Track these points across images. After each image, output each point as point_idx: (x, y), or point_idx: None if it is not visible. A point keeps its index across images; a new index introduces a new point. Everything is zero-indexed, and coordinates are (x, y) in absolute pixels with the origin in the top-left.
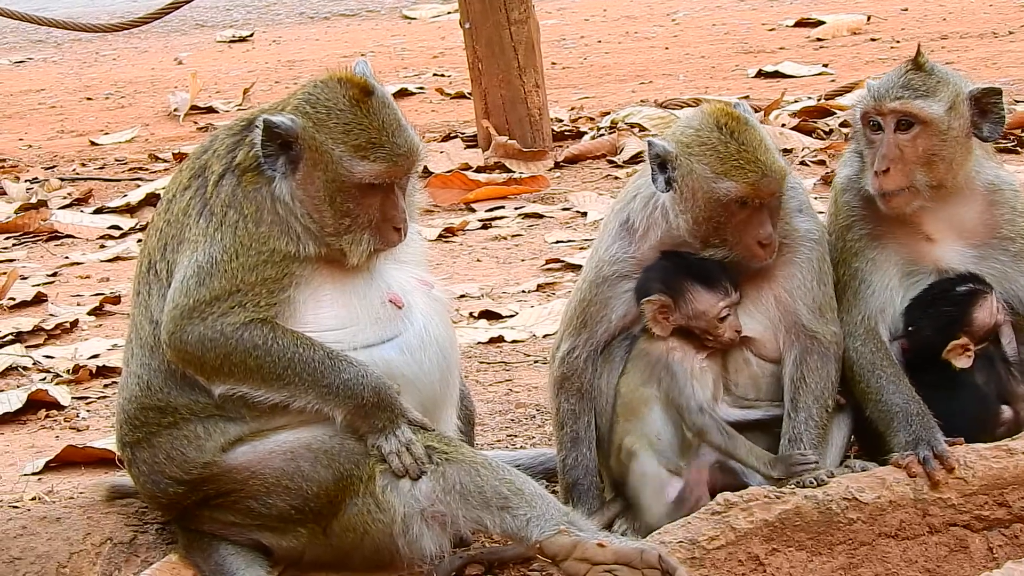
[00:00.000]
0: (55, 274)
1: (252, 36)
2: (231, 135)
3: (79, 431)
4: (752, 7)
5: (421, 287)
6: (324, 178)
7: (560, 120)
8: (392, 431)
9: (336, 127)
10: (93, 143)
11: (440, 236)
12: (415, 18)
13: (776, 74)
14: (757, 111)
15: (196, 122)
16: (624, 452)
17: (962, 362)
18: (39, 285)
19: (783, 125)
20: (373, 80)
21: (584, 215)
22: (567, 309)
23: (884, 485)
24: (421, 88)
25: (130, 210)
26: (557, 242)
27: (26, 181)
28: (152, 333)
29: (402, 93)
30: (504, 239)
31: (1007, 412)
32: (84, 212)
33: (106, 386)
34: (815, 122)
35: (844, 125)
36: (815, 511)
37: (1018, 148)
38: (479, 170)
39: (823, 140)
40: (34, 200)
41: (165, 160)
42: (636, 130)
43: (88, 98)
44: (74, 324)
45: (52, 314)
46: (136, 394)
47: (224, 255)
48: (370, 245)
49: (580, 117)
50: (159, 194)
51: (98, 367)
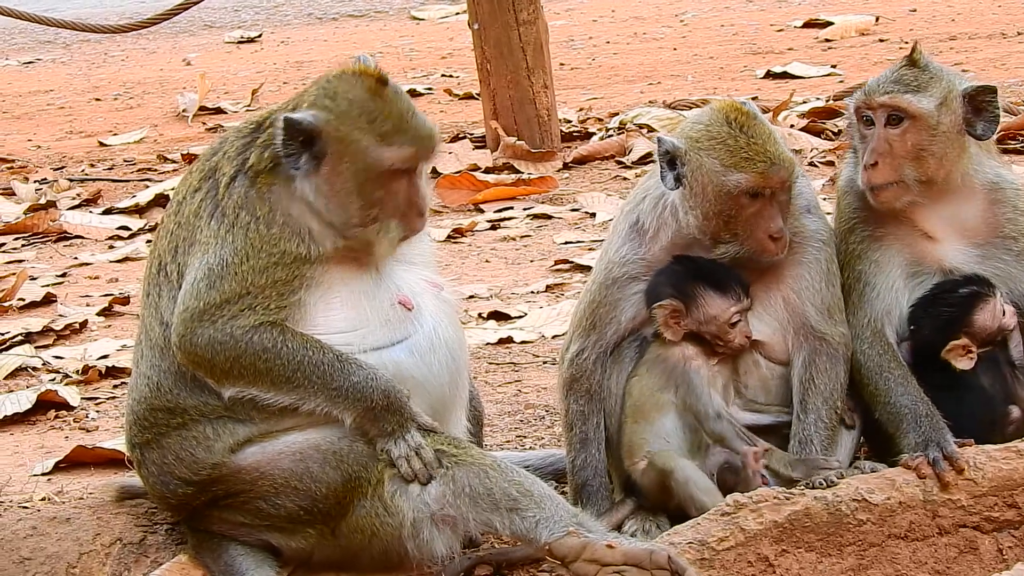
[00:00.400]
0: (64, 275)
1: (260, 37)
2: (241, 137)
3: (88, 432)
4: (760, 8)
5: (430, 289)
6: (352, 169)
7: (569, 121)
8: (401, 435)
9: (360, 117)
10: (102, 144)
11: (449, 237)
12: (423, 19)
13: (784, 75)
14: (766, 112)
15: (205, 123)
16: (656, 471)
17: (963, 363)
18: (48, 286)
19: (792, 126)
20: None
21: (593, 216)
22: (576, 310)
23: (894, 486)
24: (429, 89)
25: (139, 211)
26: (566, 243)
27: (35, 182)
28: (162, 334)
29: (410, 94)
30: (513, 240)
31: (1015, 412)
32: (93, 213)
33: (115, 387)
34: (824, 123)
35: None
36: (825, 512)
37: None
38: (488, 171)
39: (832, 141)
40: (43, 201)
41: (174, 161)
42: (645, 131)
43: (97, 99)
44: (83, 325)
45: (61, 315)
46: (145, 395)
47: (235, 257)
48: (397, 232)
49: (589, 118)
50: (168, 195)
51: (107, 368)
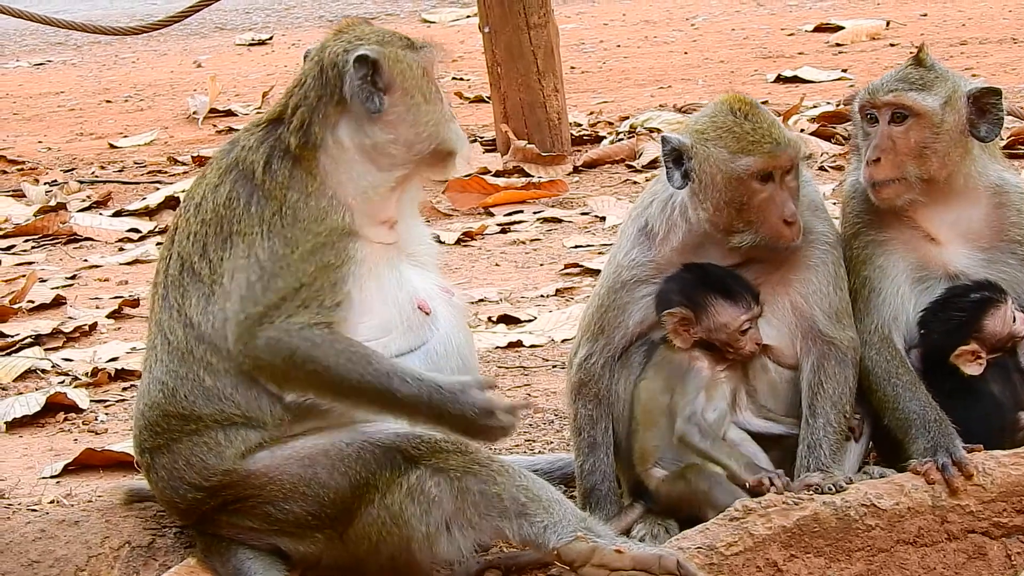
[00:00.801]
0: (74, 277)
1: (271, 39)
2: (257, 131)
3: (97, 434)
4: (771, 12)
5: (442, 294)
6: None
7: (579, 124)
8: (474, 423)
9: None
10: (112, 146)
11: (459, 240)
12: (434, 22)
13: (795, 79)
14: (777, 116)
15: (215, 125)
16: (693, 484)
17: (972, 369)
18: (58, 288)
19: (802, 130)
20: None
21: (603, 220)
22: (585, 315)
23: (902, 492)
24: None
25: (149, 213)
26: (576, 247)
27: (45, 184)
28: (186, 337)
29: None
30: (523, 243)
31: None
32: (103, 215)
33: (125, 389)
34: (834, 127)
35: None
36: (833, 517)
37: None
38: (498, 174)
39: (842, 145)
40: (53, 203)
41: (184, 163)
42: (655, 135)
43: (107, 101)
44: (93, 327)
45: (71, 317)
46: (159, 401)
47: (285, 247)
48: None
49: (599, 122)
50: (178, 197)
51: (117, 370)
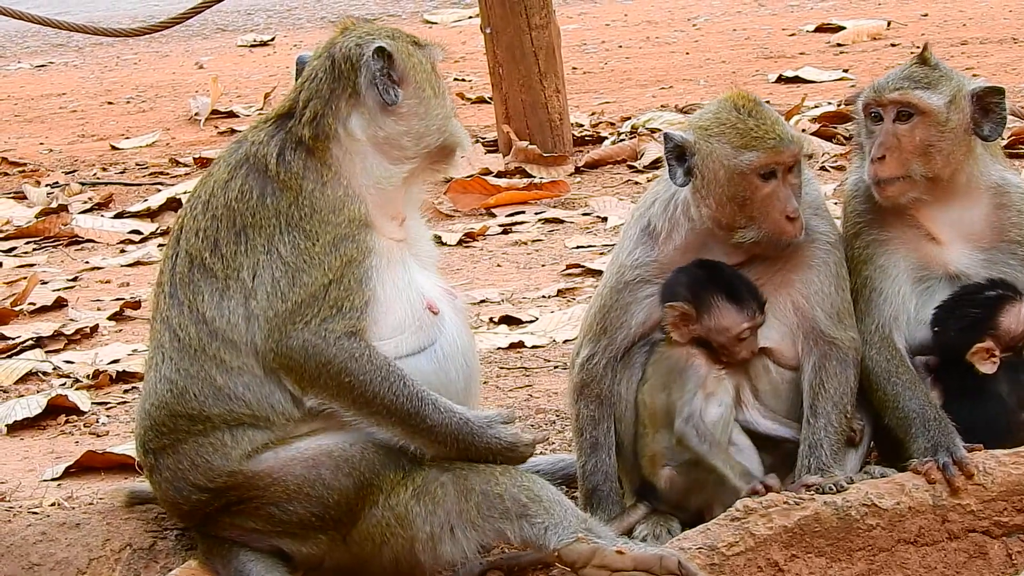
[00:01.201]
0: (75, 279)
1: (273, 40)
2: (266, 127)
3: (99, 436)
4: (772, 12)
5: (447, 295)
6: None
7: (581, 125)
8: (498, 456)
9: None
10: (114, 147)
11: (461, 241)
12: (436, 23)
13: (796, 79)
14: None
15: (217, 126)
16: (704, 474)
17: (986, 367)
18: (59, 290)
19: (803, 130)
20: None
21: (605, 220)
22: (587, 315)
23: (903, 491)
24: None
25: (151, 215)
26: (577, 247)
27: (47, 186)
28: (198, 334)
29: None
30: (524, 244)
31: None
32: (104, 217)
33: (126, 391)
34: (835, 127)
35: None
36: (834, 517)
37: None
38: (500, 175)
39: (843, 145)
40: (55, 205)
41: (186, 165)
42: (657, 135)
43: (109, 102)
44: (94, 329)
45: (72, 319)
46: (167, 400)
47: (306, 240)
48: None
49: (601, 122)
50: (180, 199)
51: (118, 372)
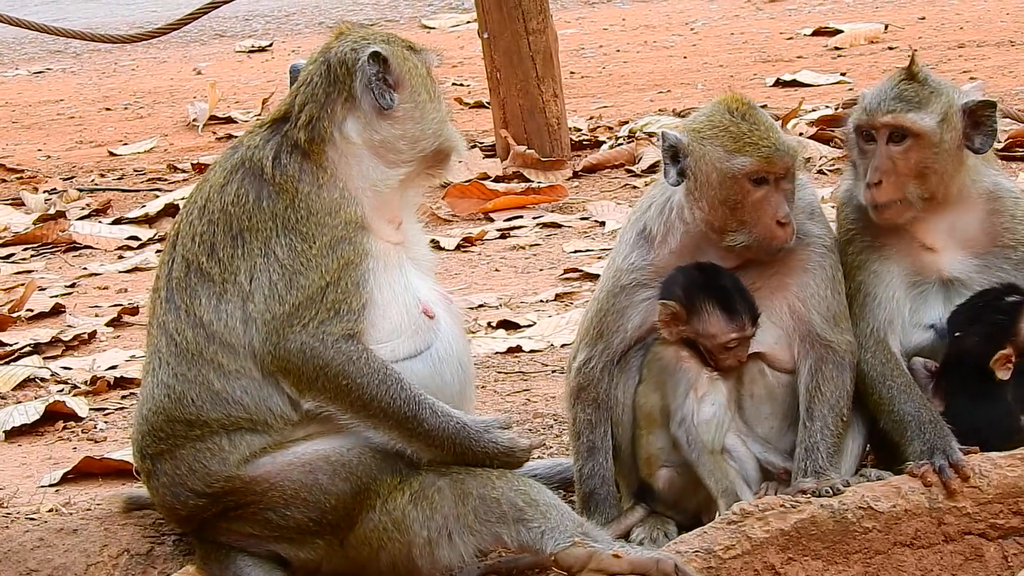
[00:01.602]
0: (73, 285)
1: (271, 46)
2: (262, 131)
3: (96, 442)
4: (770, 16)
5: (443, 299)
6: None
7: (579, 129)
8: (494, 461)
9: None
10: (112, 154)
11: (459, 246)
12: (434, 27)
13: (794, 83)
14: (776, 120)
15: (215, 132)
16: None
17: (1003, 373)
18: (57, 296)
19: (800, 134)
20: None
21: (602, 225)
22: (583, 319)
23: (899, 494)
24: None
25: (149, 221)
26: (575, 251)
27: (44, 192)
28: (195, 338)
29: None
30: (522, 249)
31: None
32: (102, 223)
33: (124, 397)
34: (833, 131)
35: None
36: (831, 520)
37: None
38: (498, 180)
39: (840, 149)
40: (52, 211)
41: (184, 171)
42: (655, 139)
43: (107, 108)
44: (92, 335)
45: (70, 325)
46: (164, 405)
47: (303, 242)
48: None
49: (599, 127)
50: (178, 204)
51: (116, 378)
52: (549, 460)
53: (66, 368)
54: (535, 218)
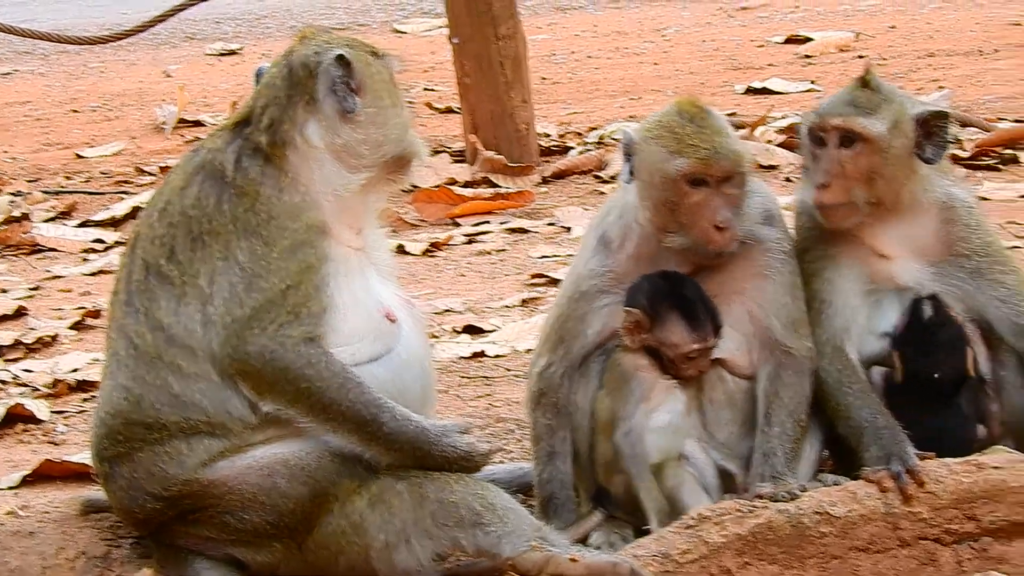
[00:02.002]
0: (36, 288)
1: (241, 50)
2: (224, 133)
3: (56, 445)
4: (742, 24)
5: (405, 303)
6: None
7: (548, 135)
8: (451, 465)
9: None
10: (79, 156)
11: (425, 251)
12: (406, 32)
13: (764, 91)
14: (744, 127)
15: (183, 135)
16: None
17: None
18: (20, 299)
19: (769, 141)
20: None
21: (569, 230)
22: (545, 325)
23: (855, 499)
24: (411, 102)
25: (114, 223)
26: (542, 257)
27: (9, 194)
28: (155, 341)
29: None
30: (489, 254)
31: (981, 431)
32: (67, 225)
33: (85, 400)
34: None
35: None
36: (787, 525)
37: (999, 166)
38: (466, 185)
39: None
40: (17, 213)
41: (151, 174)
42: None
43: (74, 111)
44: (54, 338)
45: (32, 328)
46: (122, 408)
47: (264, 246)
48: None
49: (568, 132)
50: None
51: (77, 381)
52: (511, 465)
53: (27, 371)
54: (502, 223)
